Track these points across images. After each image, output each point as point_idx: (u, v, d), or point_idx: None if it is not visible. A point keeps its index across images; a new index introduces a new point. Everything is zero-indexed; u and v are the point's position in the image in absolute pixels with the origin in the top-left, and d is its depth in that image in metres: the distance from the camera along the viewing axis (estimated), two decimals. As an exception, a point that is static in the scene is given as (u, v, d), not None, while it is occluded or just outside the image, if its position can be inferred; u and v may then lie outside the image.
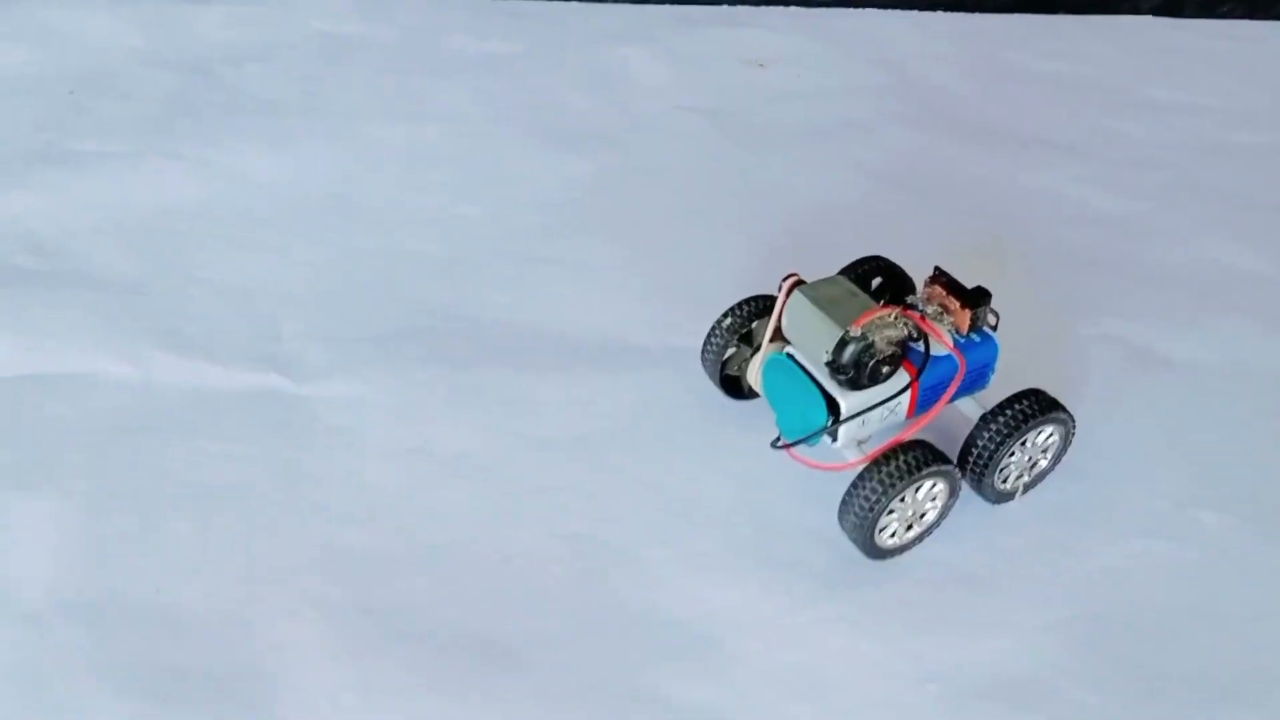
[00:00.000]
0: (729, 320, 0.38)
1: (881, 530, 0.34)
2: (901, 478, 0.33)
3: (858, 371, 0.33)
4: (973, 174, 0.51)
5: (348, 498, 0.38)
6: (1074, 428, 0.36)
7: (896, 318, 0.34)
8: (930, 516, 0.35)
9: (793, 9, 0.62)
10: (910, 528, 0.35)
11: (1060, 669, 0.33)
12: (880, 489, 0.33)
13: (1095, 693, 0.32)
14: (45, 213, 0.50)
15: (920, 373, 0.34)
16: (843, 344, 0.33)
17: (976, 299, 0.35)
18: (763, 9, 0.62)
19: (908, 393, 0.34)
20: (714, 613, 0.35)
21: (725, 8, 0.62)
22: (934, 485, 0.34)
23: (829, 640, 0.34)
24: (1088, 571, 0.35)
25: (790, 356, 0.35)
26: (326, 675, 0.33)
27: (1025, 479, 0.37)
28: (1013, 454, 0.35)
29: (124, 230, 0.49)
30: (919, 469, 0.33)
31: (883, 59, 0.58)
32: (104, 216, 0.50)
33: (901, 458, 0.33)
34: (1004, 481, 0.36)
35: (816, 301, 0.34)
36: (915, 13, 0.62)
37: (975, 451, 0.35)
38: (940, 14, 0.62)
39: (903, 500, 0.34)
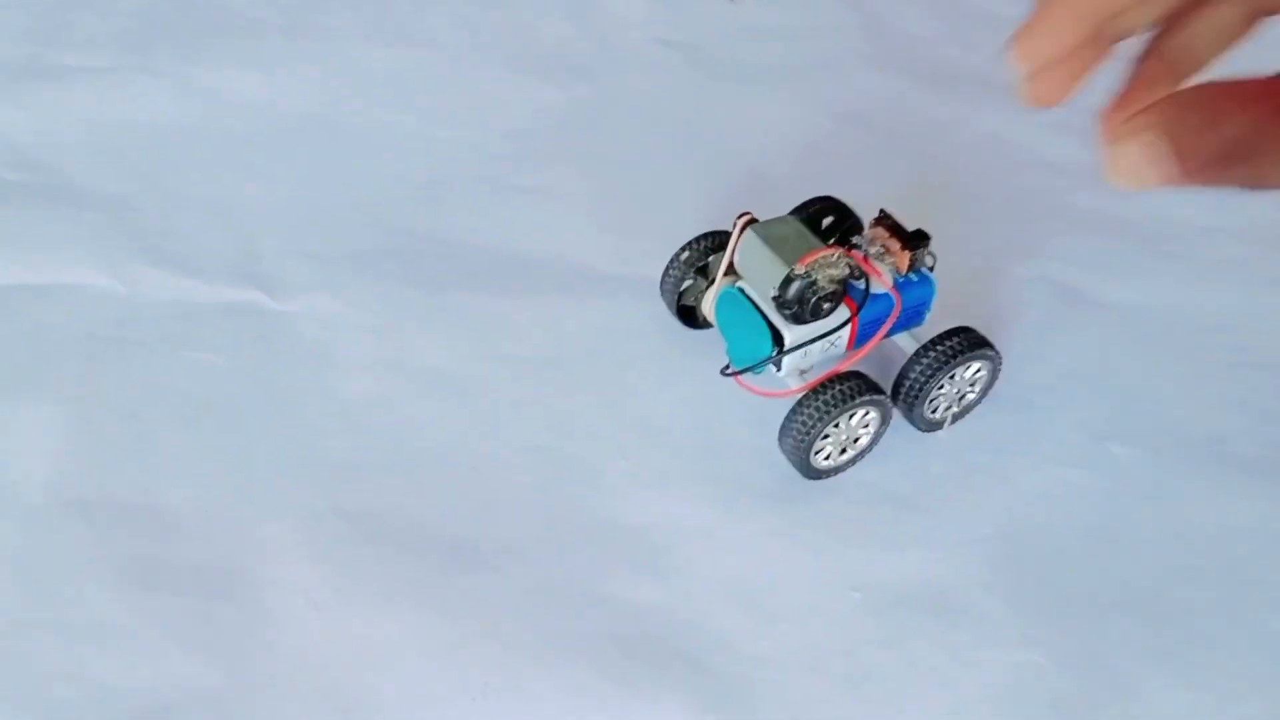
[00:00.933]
0: (686, 254, 0.40)
1: (817, 453, 0.37)
2: (836, 405, 0.35)
3: (800, 307, 0.36)
4: (933, 117, 0.52)
5: (324, 408, 0.41)
6: (1000, 364, 0.39)
7: (839, 257, 0.36)
8: (863, 442, 0.38)
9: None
10: (844, 451, 0.38)
11: (976, 581, 0.36)
12: (816, 415, 0.36)
13: (1006, 602, 0.36)
14: (29, 126, 0.51)
15: (860, 309, 0.36)
16: (788, 281, 0.36)
17: (916, 241, 0.37)
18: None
19: (847, 327, 0.36)
20: (663, 523, 0.38)
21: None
22: (867, 413, 0.37)
23: (767, 550, 0.37)
24: (1007, 495, 0.39)
25: (741, 290, 0.38)
26: (305, 573, 0.36)
27: (954, 410, 0.39)
28: (942, 387, 0.38)
29: (107, 146, 0.50)
30: (853, 398, 0.36)
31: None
32: (88, 132, 0.51)
33: (838, 387, 0.36)
34: (933, 411, 0.39)
35: (767, 240, 0.36)
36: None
37: (907, 383, 0.38)
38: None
39: (837, 426, 0.37)
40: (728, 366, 0.38)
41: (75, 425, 0.40)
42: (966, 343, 0.38)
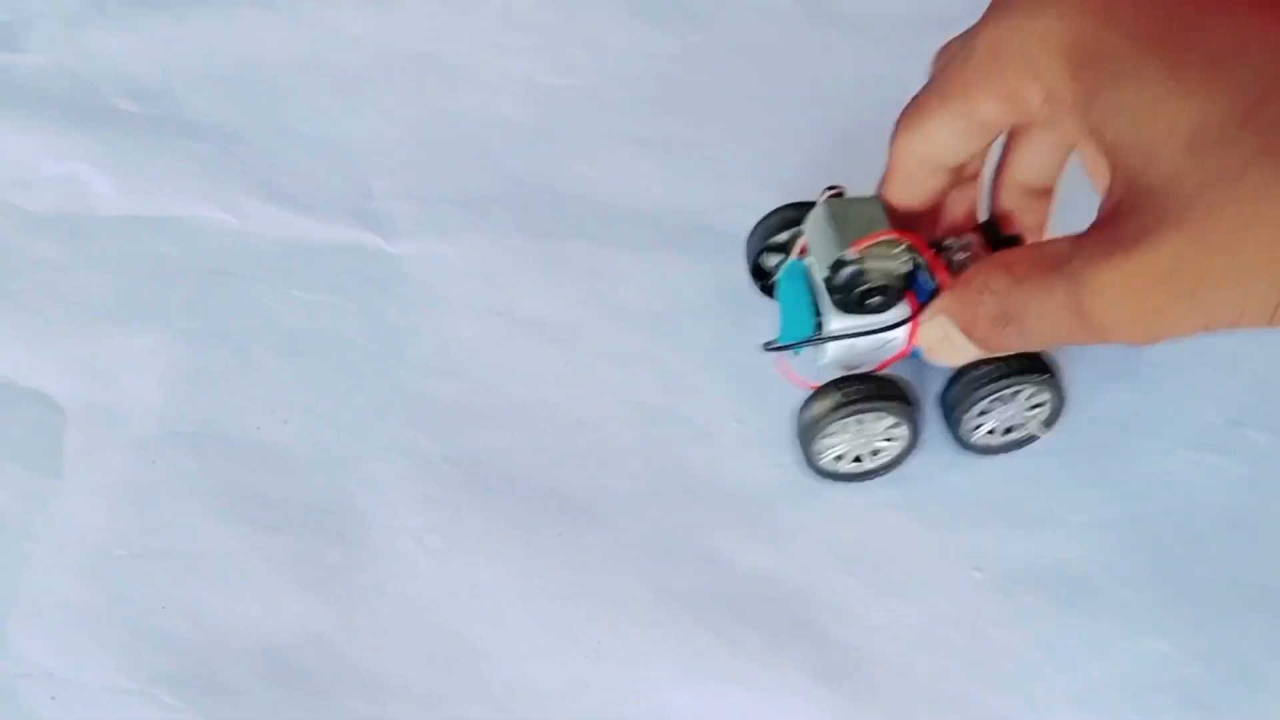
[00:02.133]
0: (761, 225, 0.38)
1: (823, 451, 0.35)
2: (849, 404, 0.33)
3: (845, 295, 0.33)
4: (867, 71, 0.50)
5: (433, 352, 0.40)
6: (1062, 400, 0.36)
7: (903, 250, 0.32)
8: (885, 457, 0.35)
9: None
10: (859, 459, 0.35)
11: (1103, 565, 0.35)
12: (826, 408, 0.34)
13: (1135, 588, 0.35)
14: (145, 56, 0.51)
15: (922, 309, 0.33)
16: (838, 265, 0.32)
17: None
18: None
19: (906, 327, 0.33)
20: (776, 488, 0.37)
21: None
22: (891, 423, 0.34)
23: (883, 521, 0.36)
24: (1138, 477, 0.37)
25: (806, 267, 0.35)
26: (413, 516, 0.36)
27: (1009, 437, 0.36)
28: (985, 408, 0.35)
29: (221, 79, 0.50)
30: (867, 400, 0.33)
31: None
32: (202, 64, 0.51)
33: (858, 385, 0.33)
34: (976, 431, 0.36)
35: (833, 218, 0.33)
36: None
37: (950, 394, 0.35)
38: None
39: (847, 427, 0.34)
40: (772, 341, 0.35)
41: (186, 356, 0.40)
42: (1021, 365, 0.34)
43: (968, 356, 0.32)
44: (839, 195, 0.35)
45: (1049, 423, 0.36)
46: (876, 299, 0.33)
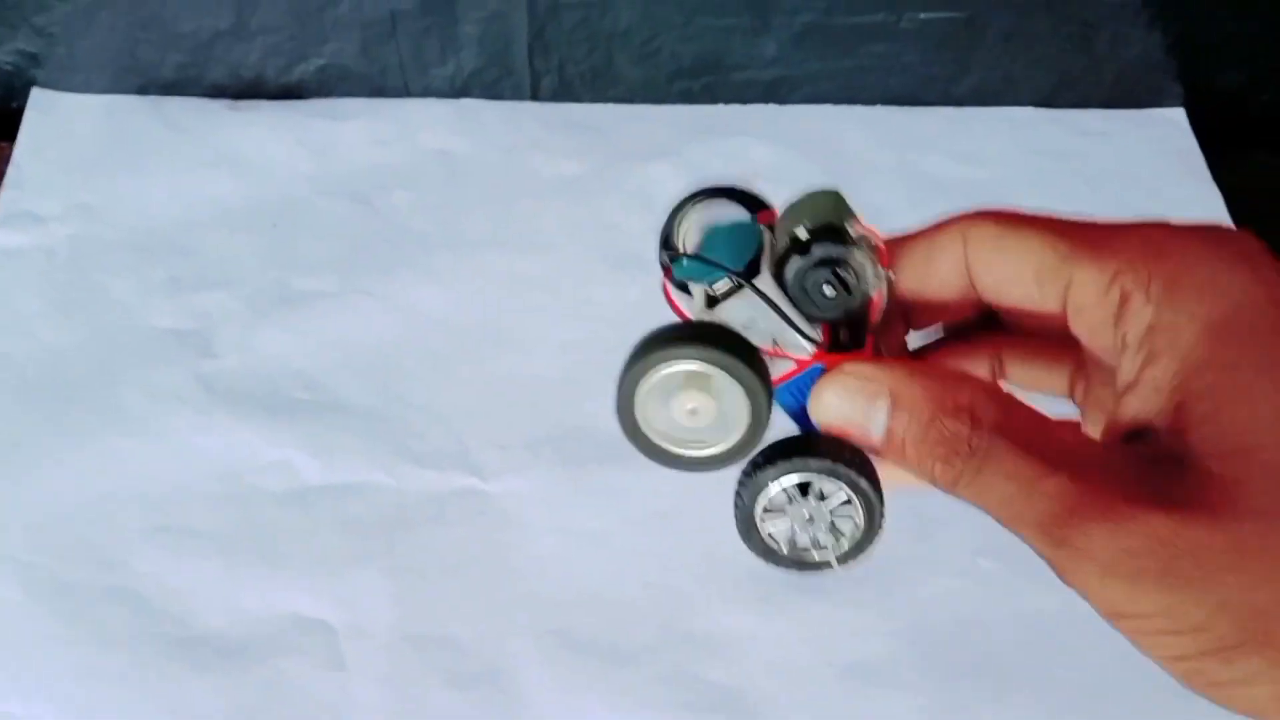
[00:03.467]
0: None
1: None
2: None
3: (801, 266, 0.28)
4: None
5: (526, 561, 0.71)
6: (878, 505, 0.28)
7: (880, 270, 0.28)
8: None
9: (770, 108, 0.85)
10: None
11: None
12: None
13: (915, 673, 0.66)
14: (300, 350, 0.77)
15: (828, 351, 0.28)
16: (827, 231, 0.28)
17: None
18: (748, 109, 0.85)
19: (804, 351, 0.28)
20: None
21: (719, 109, 0.85)
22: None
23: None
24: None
25: (760, 229, 0.30)
26: (549, 675, 0.67)
27: (800, 552, 0.29)
28: (765, 506, 0.29)
29: (355, 363, 0.76)
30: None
31: (838, 170, 0.83)
32: (338, 352, 0.77)
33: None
34: (771, 539, 0.29)
35: (839, 201, 0.29)
36: (861, 108, 0.85)
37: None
38: (878, 109, 0.85)
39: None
40: (678, 253, 0.31)
41: (395, 585, 0.70)
42: (850, 459, 0.27)
43: (870, 431, 0.26)
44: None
45: (849, 555, 0.29)
46: (829, 295, 0.28)
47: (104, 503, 0.69)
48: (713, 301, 0.29)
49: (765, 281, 0.29)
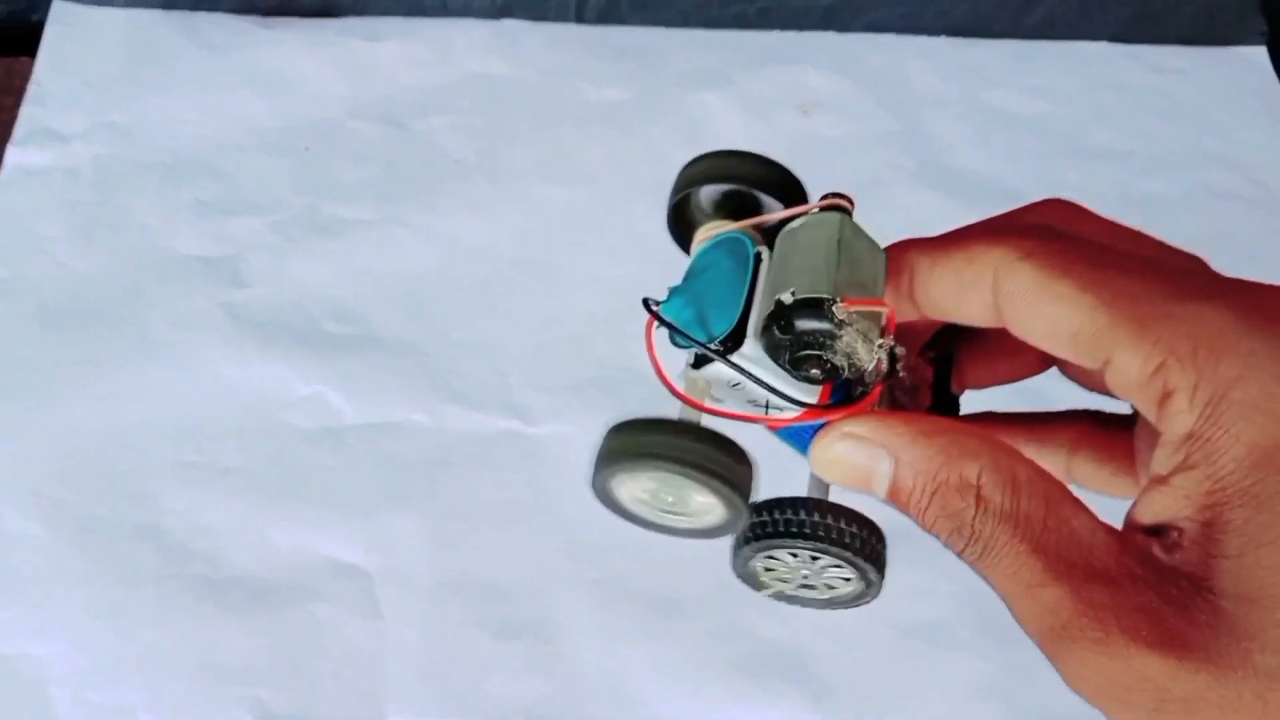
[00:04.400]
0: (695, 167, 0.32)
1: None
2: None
3: (785, 339, 0.25)
4: None
5: (574, 507, 0.68)
6: (876, 590, 0.28)
7: (881, 341, 0.25)
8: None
9: (829, 36, 0.81)
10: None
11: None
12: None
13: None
14: (334, 280, 0.74)
15: (828, 407, 0.27)
16: (811, 304, 0.25)
17: (945, 408, 0.30)
18: (806, 36, 0.81)
19: (794, 411, 0.27)
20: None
21: (774, 36, 0.80)
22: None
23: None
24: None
25: (758, 255, 0.28)
26: (595, 620, 0.64)
27: (786, 589, 0.30)
28: (774, 554, 0.28)
29: (392, 295, 0.73)
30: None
31: (899, 103, 0.79)
32: (374, 282, 0.74)
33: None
34: (751, 565, 0.29)
35: (840, 244, 0.26)
36: (924, 39, 0.81)
37: (752, 522, 0.28)
38: (941, 40, 0.81)
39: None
40: (654, 302, 0.30)
41: (430, 529, 0.67)
42: (843, 534, 0.26)
43: (874, 490, 0.25)
44: (846, 212, 0.28)
45: (845, 604, 0.29)
46: (815, 371, 0.26)
47: (128, 435, 0.66)
48: (700, 361, 0.28)
49: (751, 344, 0.27)
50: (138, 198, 0.74)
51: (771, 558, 0.28)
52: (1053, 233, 0.26)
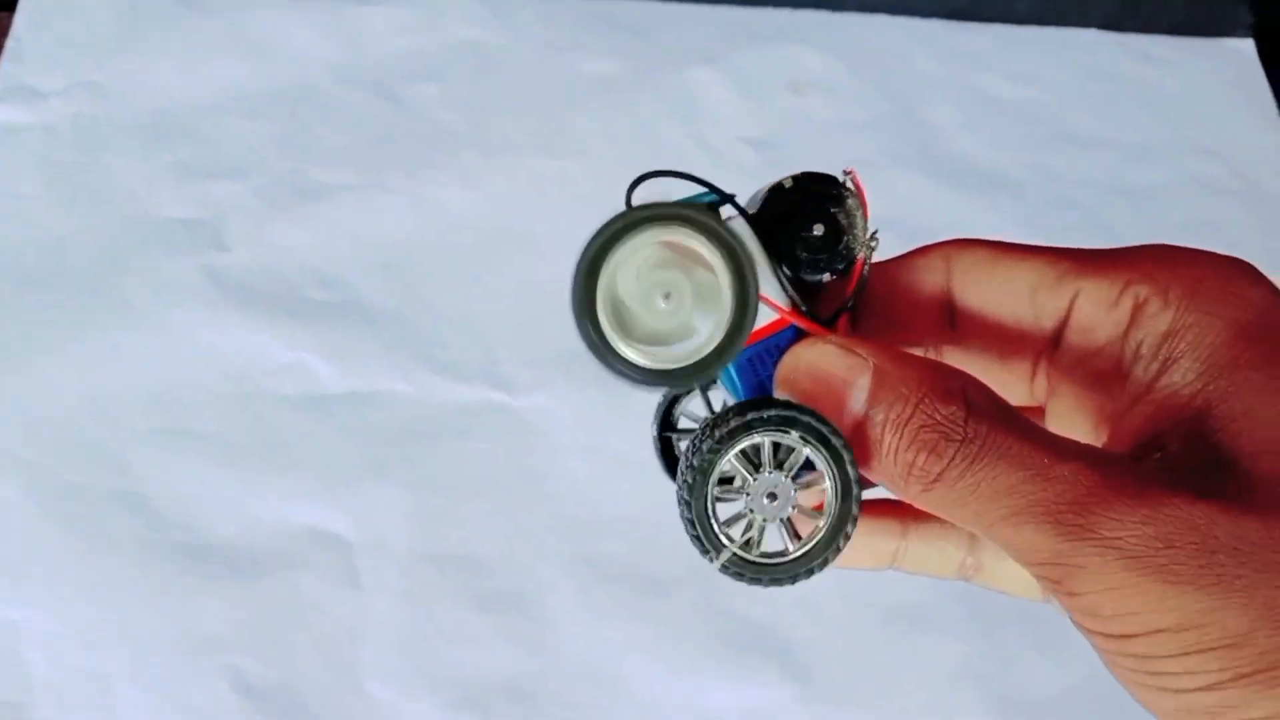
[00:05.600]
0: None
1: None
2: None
3: (794, 203, 0.25)
4: (947, 218, 0.74)
5: (560, 484, 0.67)
6: (850, 476, 0.24)
7: (872, 234, 0.26)
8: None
9: (823, 15, 0.80)
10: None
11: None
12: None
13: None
14: (316, 246, 0.73)
15: (806, 315, 0.25)
16: (816, 175, 0.26)
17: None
18: (800, 15, 0.80)
19: (763, 317, 0.25)
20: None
21: (767, 13, 0.80)
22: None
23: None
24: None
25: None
26: (572, 598, 0.65)
27: (748, 550, 0.25)
28: (718, 480, 0.25)
29: (376, 263, 0.73)
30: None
31: (891, 84, 0.79)
32: (359, 249, 0.73)
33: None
34: (725, 529, 0.25)
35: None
36: (917, 21, 0.80)
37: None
38: (934, 23, 0.80)
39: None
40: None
41: (412, 499, 0.67)
42: (779, 416, 0.23)
43: (848, 402, 0.23)
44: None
45: (817, 553, 0.24)
46: (818, 234, 0.25)
47: (107, 400, 0.65)
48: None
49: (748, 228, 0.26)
50: (118, 158, 0.73)
51: (728, 486, 0.25)
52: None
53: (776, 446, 0.24)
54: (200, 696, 0.57)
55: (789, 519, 0.25)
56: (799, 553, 0.25)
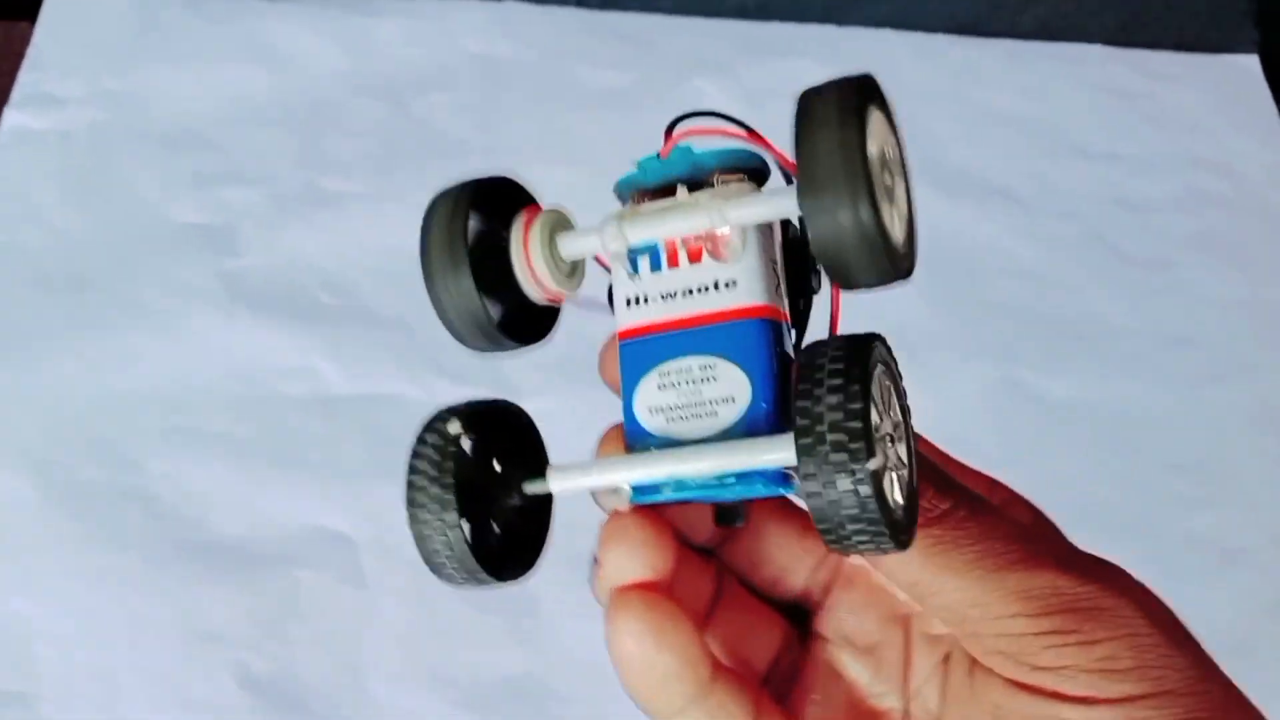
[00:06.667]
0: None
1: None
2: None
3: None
4: (951, 230, 0.75)
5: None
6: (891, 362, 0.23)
7: None
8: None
9: (828, 29, 0.81)
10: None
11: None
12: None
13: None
14: (326, 252, 0.75)
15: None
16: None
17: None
18: (805, 29, 0.81)
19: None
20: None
21: (774, 27, 0.81)
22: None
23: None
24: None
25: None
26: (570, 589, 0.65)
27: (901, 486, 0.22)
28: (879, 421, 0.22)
29: (385, 270, 0.74)
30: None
31: (895, 97, 0.79)
32: (367, 256, 0.74)
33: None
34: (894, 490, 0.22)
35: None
36: (922, 36, 0.81)
37: (824, 420, 0.21)
38: (939, 38, 0.81)
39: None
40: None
41: (418, 501, 0.68)
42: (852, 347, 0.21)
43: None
44: None
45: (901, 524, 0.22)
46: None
47: (120, 401, 0.67)
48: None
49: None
50: (134, 165, 0.74)
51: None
52: None
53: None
54: (205, 690, 0.58)
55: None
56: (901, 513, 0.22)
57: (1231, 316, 0.69)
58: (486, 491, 0.26)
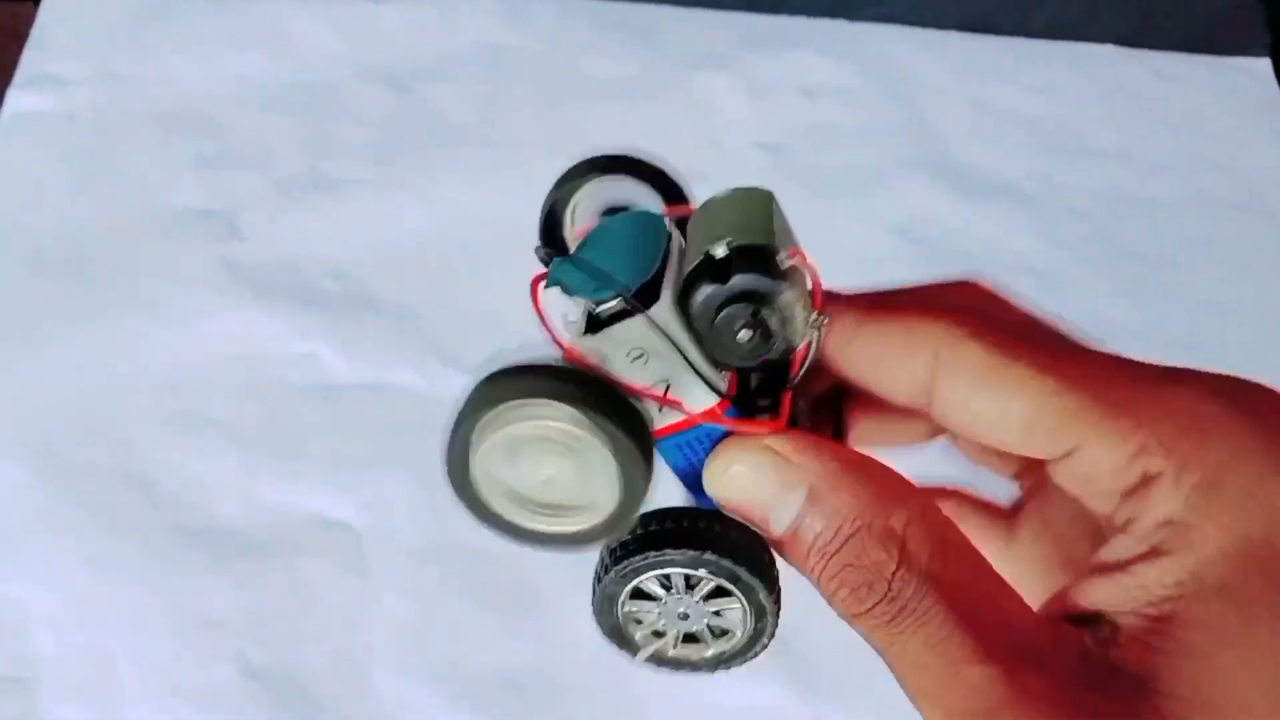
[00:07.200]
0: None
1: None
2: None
3: (716, 302, 0.21)
4: (957, 226, 0.74)
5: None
6: (768, 611, 0.24)
7: (817, 315, 0.22)
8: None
9: (838, 24, 0.81)
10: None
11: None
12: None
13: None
14: (329, 237, 0.74)
15: (734, 405, 0.23)
16: (753, 252, 0.21)
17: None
18: (814, 23, 0.81)
19: (694, 405, 0.23)
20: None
21: (782, 20, 0.81)
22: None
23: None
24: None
25: (668, 237, 0.24)
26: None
27: (666, 647, 0.24)
28: (643, 591, 0.24)
29: (389, 257, 0.73)
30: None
31: (904, 94, 0.79)
32: (371, 243, 0.74)
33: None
34: (635, 625, 0.25)
35: (775, 202, 0.24)
36: (932, 32, 0.81)
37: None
38: (950, 35, 0.81)
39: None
40: (553, 255, 0.26)
41: (421, 491, 0.67)
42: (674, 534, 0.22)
43: (769, 522, 0.22)
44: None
45: (730, 659, 0.25)
46: (743, 340, 0.22)
47: (120, 385, 0.66)
48: (595, 324, 0.23)
49: (665, 306, 0.22)
50: (136, 147, 0.73)
51: (640, 594, 0.24)
52: (991, 317, 0.23)
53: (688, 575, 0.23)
54: (205, 678, 0.58)
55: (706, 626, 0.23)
56: (715, 652, 0.24)
57: (1238, 319, 0.69)
58: None
